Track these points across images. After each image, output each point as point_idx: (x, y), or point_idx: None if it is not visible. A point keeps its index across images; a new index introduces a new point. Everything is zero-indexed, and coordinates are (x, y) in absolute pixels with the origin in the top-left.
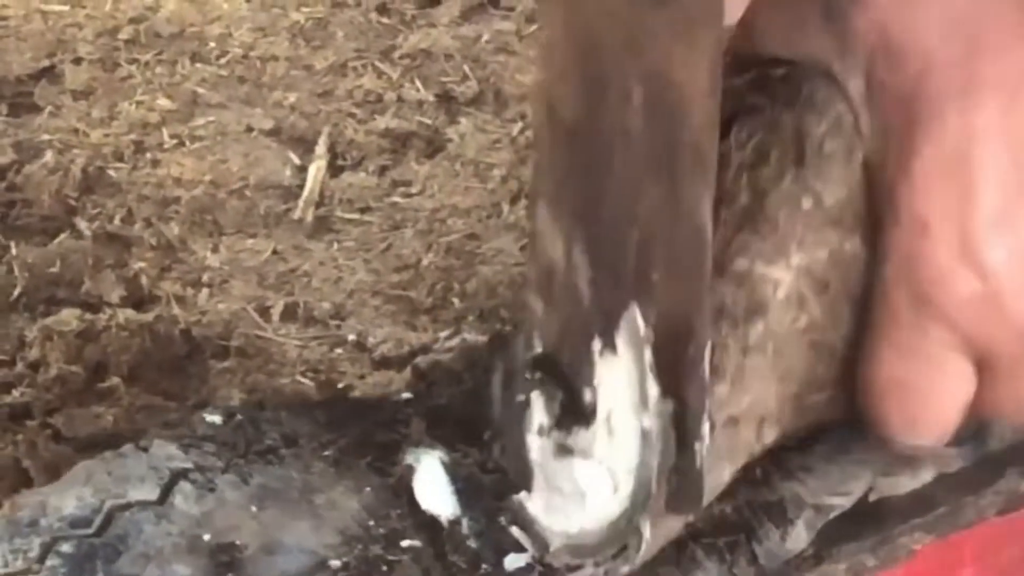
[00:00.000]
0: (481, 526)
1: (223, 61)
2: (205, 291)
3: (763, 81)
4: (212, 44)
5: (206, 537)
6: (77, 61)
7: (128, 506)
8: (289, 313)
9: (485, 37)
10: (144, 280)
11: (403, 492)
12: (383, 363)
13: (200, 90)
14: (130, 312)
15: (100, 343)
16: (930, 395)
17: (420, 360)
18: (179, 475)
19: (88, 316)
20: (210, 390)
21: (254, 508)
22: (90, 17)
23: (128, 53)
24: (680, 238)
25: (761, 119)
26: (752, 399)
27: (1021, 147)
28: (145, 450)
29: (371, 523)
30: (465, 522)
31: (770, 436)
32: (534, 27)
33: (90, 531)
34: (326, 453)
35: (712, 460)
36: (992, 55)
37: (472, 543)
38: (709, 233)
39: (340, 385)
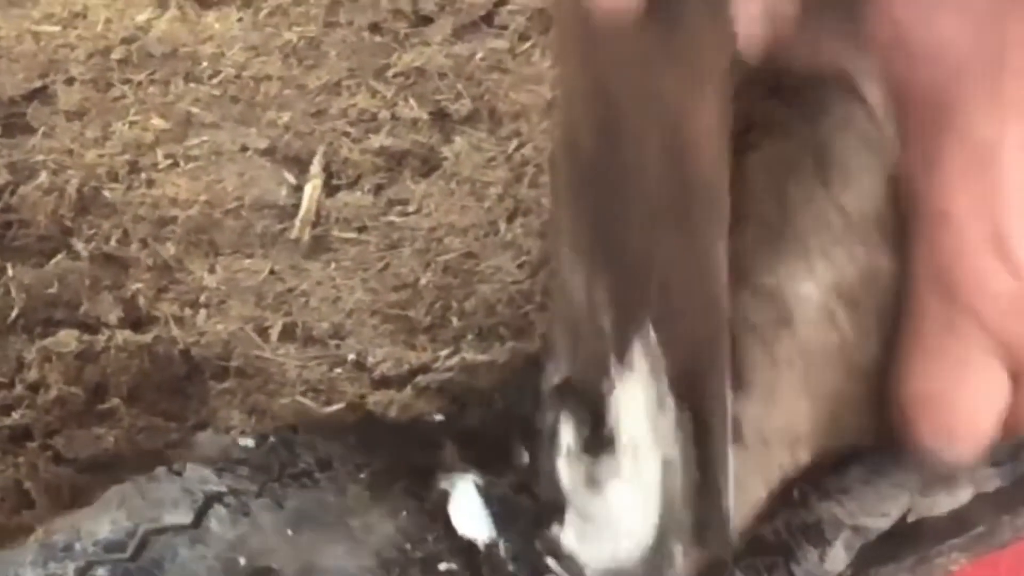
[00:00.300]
0: (518, 549)
1: (216, 81)
2: (203, 311)
3: (781, 93)
4: (205, 64)
5: (242, 561)
6: (70, 81)
7: (163, 530)
8: (288, 333)
9: (479, 55)
10: (142, 301)
11: (439, 516)
12: (383, 382)
13: (194, 110)
14: (128, 333)
15: (99, 364)
16: (963, 402)
17: (420, 379)
18: (213, 498)
19: (87, 337)
20: (210, 411)
21: (289, 532)
22: (82, 38)
23: (121, 73)
24: (695, 278)
25: (783, 134)
26: (784, 418)
27: None
28: (179, 474)
29: (408, 546)
30: (502, 545)
31: (803, 457)
32: (528, 45)
33: (125, 555)
34: (360, 476)
35: (745, 479)
36: (1019, 58)
37: (510, 566)
38: (724, 271)
39: (337, 406)
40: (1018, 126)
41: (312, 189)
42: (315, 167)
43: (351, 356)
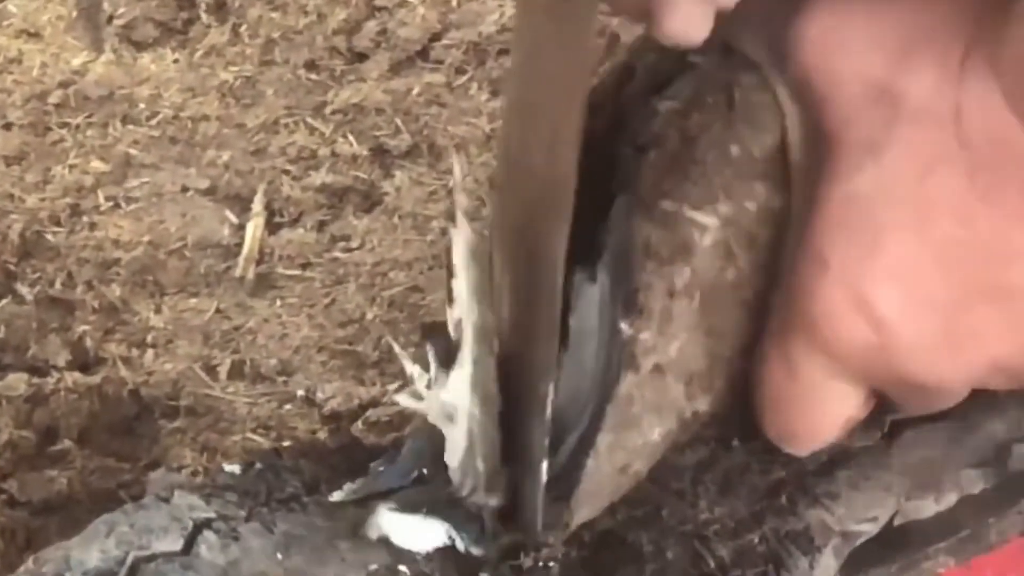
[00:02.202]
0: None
1: (154, 122)
2: (151, 351)
3: (704, 47)
4: (142, 105)
5: None
6: (7, 127)
7: (153, 557)
8: (236, 371)
9: (415, 90)
10: (89, 342)
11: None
12: (333, 417)
13: (133, 151)
14: (77, 375)
15: (49, 407)
16: (809, 416)
17: (371, 413)
18: (202, 525)
19: (36, 380)
20: (162, 450)
21: (280, 556)
22: (18, 82)
23: (59, 117)
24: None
25: (695, 75)
26: (679, 348)
27: (926, 219)
28: (166, 500)
29: (400, 567)
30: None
31: (702, 402)
32: (464, 78)
33: None
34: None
35: (641, 412)
36: (906, 126)
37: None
38: (559, 265)
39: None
40: (903, 173)
41: (254, 227)
42: (256, 205)
43: (300, 392)
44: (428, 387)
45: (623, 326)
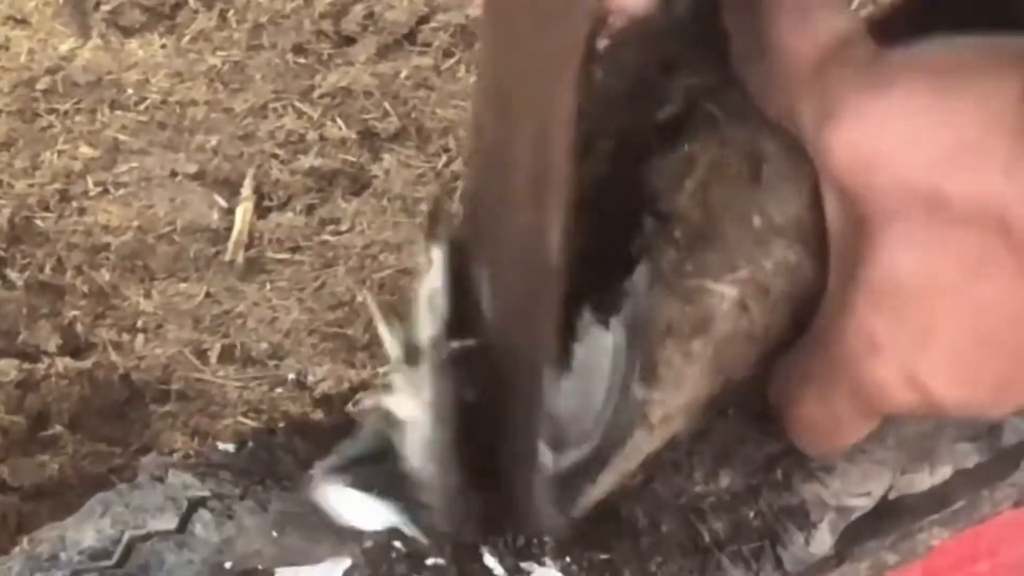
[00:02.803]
0: (499, 542)
1: (142, 107)
2: (141, 336)
3: (721, 89)
4: (130, 91)
5: (228, 564)
6: None
7: (148, 536)
8: (227, 355)
9: (404, 73)
10: (79, 328)
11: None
12: (324, 400)
13: (121, 137)
14: (68, 360)
15: (40, 392)
16: (838, 439)
17: (362, 396)
18: (197, 503)
19: (26, 366)
20: (152, 434)
21: (275, 534)
22: (6, 69)
23: (47, 103)
24: (536, 256)
25: (715, 135)
26: (688, 398)
27: (979, 315)
28: (160, 480)
29: (395, 544)
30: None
31: (698, 415)
32: (452, 61)
33: (111, 563)
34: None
35: (646, 448)
36: (958, 226)
37: (494, 562)
38: (555, 257)
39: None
40: (954, 279)
41: (244, 211)
42: (246, 189)
43: (291, 376)
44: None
45: (637, 390)
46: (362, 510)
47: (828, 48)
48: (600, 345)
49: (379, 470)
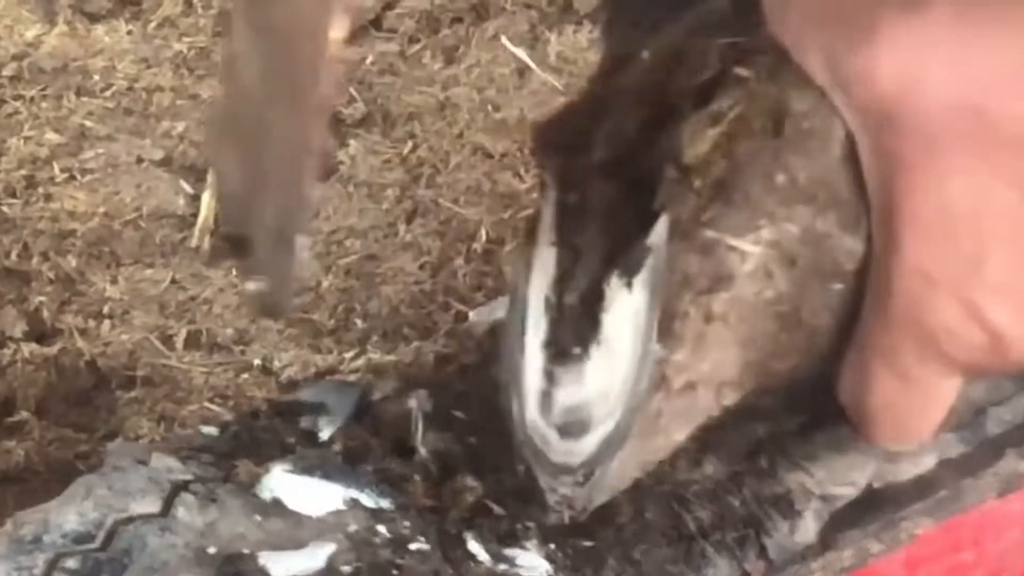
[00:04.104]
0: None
1: (108, 94)
2: (107, 322)
3: (751, 52)
4: (96, 77)
5: (211, 549)
6: None
7: (131, 520)
8: (193, 341)
9: (369, 59)
10: (45, 314)
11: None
12: (290, 386)
13: (88, 123)
14: (34, 346)
15: (6, 378)
16: (924, 416)
17: (328, 381)
18: (180, 487)
19: None
20: (119, 420)
21: (258, 517)
22: None
23: (13, 89)
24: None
25: (743, 91)
26: (712, 365)
27: None
28: (143, 463)
29: (379, 527)
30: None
31: (730, 399)
32: (418, 47)
33: (94, 546)
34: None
35: (668, 422)
36: (1005, 153)
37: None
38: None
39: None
40: (1004, 198)
41: (209, 197)
42: (212, 175)
43: (257, 361)
44: None
45: (656, 347)
46: (308, 494)
47: None
48: (625, 310)
49: (316, 453)
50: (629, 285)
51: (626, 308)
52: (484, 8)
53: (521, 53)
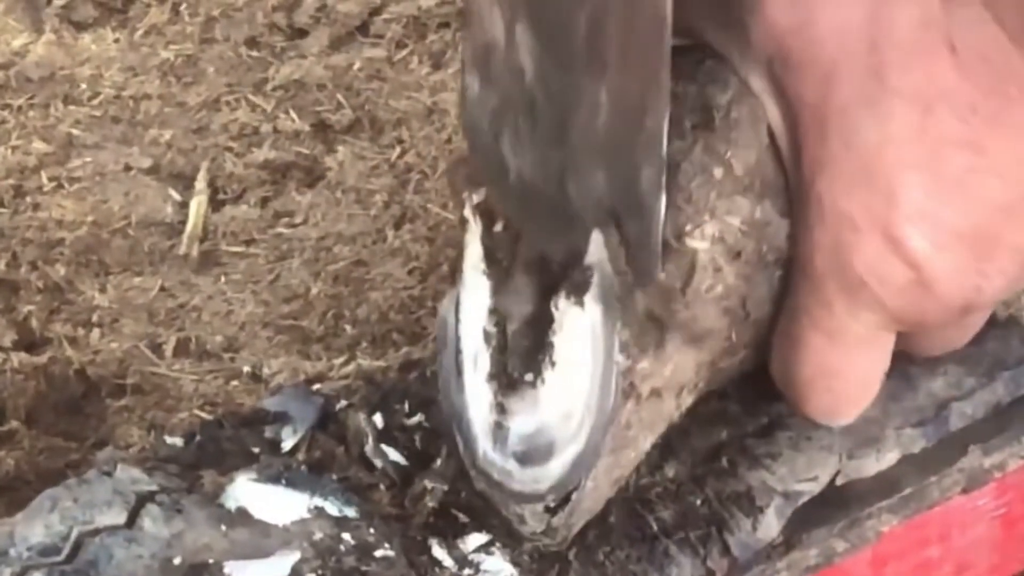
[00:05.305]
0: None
1: (96, 102)
2: (96, 331)
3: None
4: (83, 86)
5: (177, 560)
6: None
7: (96, 531)
8: (182, 348)
9: (356, 65)
10: (34, 323)
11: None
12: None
13: (75, 132)
14: (23, 355)
15: None
16: (858, 379)
17: (317, 388)
18: (145, 498)
19: None
20: (109, 429)
21: (223, 527)
22: None
23: (0, 99)
24: (638, 15)
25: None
26: (672, 369)
27: (936, 156)
28: (109, 475)
29: (344, 535)
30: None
31: (687, 401)
32: (405, 52)
33: (60, 559)
34: (291, 468)
35: (637, 433)
36: (898, 70)
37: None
38: (668, 12)
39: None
40: (905, 118)
41: (198, 205)
42: (200, 183)
43: (246, 368)
44: None
45: (620, 358)
46: (273, 502)
47: None
48: (578, 328)
49: (278, 463)
50: (580, 303)
51: (580, 326)
52: None
53: None
